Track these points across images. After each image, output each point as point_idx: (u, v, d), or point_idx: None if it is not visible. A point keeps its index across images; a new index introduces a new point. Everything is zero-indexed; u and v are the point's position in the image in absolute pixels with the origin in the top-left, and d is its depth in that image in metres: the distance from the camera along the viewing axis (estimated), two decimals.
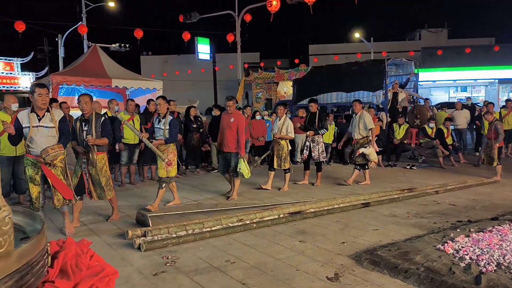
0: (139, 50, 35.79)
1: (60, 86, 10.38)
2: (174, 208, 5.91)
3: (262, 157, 8.46)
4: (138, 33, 16.33)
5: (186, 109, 9.76)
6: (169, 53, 36.67)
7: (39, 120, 4.37)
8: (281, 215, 5.19)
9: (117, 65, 12.27)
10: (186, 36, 17.48)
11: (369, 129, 7.75)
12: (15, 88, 20.38)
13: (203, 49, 21.99)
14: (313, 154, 7.71)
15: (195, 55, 21.97)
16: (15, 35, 14.36)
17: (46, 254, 1.06)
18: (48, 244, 1.11)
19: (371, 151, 7.64)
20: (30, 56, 20.97)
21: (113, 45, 18.74)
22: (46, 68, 24.08)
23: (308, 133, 7.74)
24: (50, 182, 4.44)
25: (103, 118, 5.08)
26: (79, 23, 17.89)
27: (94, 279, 1.16)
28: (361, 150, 7.61)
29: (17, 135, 4.46)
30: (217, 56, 23.25)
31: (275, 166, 7.28)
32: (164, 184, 5.94)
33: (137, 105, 8.56)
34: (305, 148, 7.84)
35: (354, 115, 8.06)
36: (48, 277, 1.06)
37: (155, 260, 3.89)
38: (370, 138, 7.74)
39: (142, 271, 3.64)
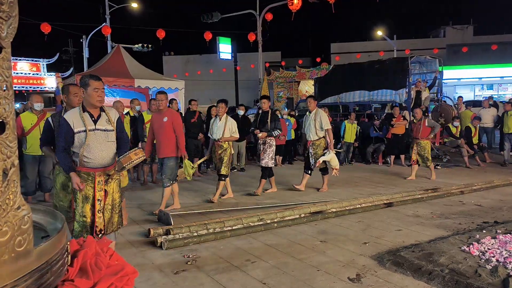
0: (161, 50, 36.32)
1: None
2: (195, 207, 5.96)
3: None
4: (161, 34, 16.54)
5: (207, 108, 9.83)
6: (191, 53, 37.03)
7: (95, 122, 3.32)
8: (302, 215, 5.15)
9: (140, 65, 12.47)
10: (208, 36, 17.59)
11: (325, 130, 6.89)
12: (41, 88, 20.95)
13: (225, 48, 22.09)
14: (262, 158, 6.80)
15: (216, 54, 22.10)
16: (41, 36, 14.78)
17: (66, 253, 1.08)
18: (68, 243, 1.13)
19: (332, 157, 6.83)
20: (56, 57, 21.55)
21: (136, 46, 19.07)
22: (71, 69, 24.74)
23: (260, 135, 6.76)
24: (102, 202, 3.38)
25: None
26: (103, 24, 18.27)
27: (113, 278, 1.17)
28: (321, 159, 6.79)
29: (47, 139, 3.83)
30: (239, 56, 23.32)
31: (223, 172, 6.32)
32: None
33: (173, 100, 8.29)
34: (259, 151, 6.94)
35: (307, 113, 7.15)
36: (67, 276, 1.08)
37: (176, 259, 3.93)
38: (328, 140, 6.90)
39: (163, 270, 3.68)
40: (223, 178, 6.36)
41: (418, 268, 3.49)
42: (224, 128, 6.31)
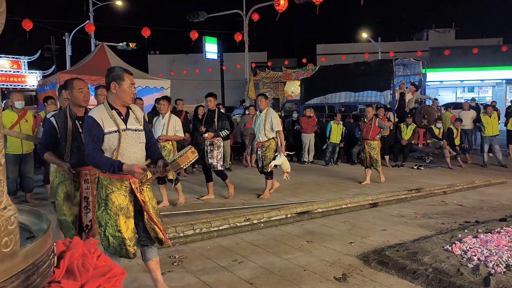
0: (146, 49, 35.97)
1: None
2: (181, 207, 5.92)
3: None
4: (146, 32, 16.37)
5: (194, 108, 9.78)
6: (176, 53, 36.77)
7: (125, 121, 2.89)
8: (289, 215, 5.17)
9: (125, 64, 12.30)
10: (194, 35, 17.49)
11: (276, 131, 6.42)
12: (22, 86, 20.52)
13: (211, 48, 22.01)
14: (210, 161, 6.30)
15: (202, 54, 22.00)
16: (23, 33, 14.46)
17: (52, 254, 1.06)
18: (54, 244, 1.10)
19: (283, 161, 6.46)
20: (37, 55, 21.11)
21: (121, 44, 18.82)
22: (53, 67, 24.29)
23: (205, 135, 6.32)
24: (146, 217, 2.91)
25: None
26: (86, 22, 17.99)
27: (101, 279, 1.15)
28: (273, 163, 6.37)
29: (50, 142, 3.36)
30: (225, 56, 23.26)
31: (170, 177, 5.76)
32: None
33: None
34: (206, 154, 6.39)
35: (258, 113, 6.70)
36: (54, 277, 1.05)
37: (162, 260, 3.87)
38: (279, 142, 6.43)
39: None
40: (176, 182, 6.03)
41: (403, 267, 3.54)
42: (168, 127, 5.92)
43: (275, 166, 6.50)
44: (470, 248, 3.87)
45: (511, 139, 11.09)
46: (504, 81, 29.59)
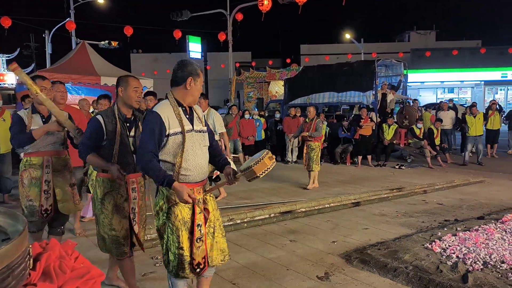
0: (129, 47, 35.56)
1: None
2: None
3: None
4: (128, 31, 16.18)
5: None
6: (160, 51, 36.45)
7: (191, 121, 2.55)
8: (272, 215, 5.18)
9: (106, 63, 12.14)
10: (177, 34, 17.37)
11: (220, 134, 5.96)
12: (0, 84, 20.04)
13: (195, 47, 21.90)
14: None
15: (186, 53, 21.87)
16: (1, 31, 14.10)
17: (28, 256, 1.03)
18: (30, 246, 1.08)
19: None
20: (16, 53, 20.64)
21: (102, 42, 18.54)
22: (33, 65, 23.77)
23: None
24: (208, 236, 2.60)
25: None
26: (67, 19, 17.64)
27: (78, 281, 1.13)
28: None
29: (95, 143, 2.90)
30: (209, 55, 23.19)
31: None
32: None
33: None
34: None
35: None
36: (30, 280, 1.03)
37: (144, 261, 3.85)
38: (223, 145, 5.95)
39: None
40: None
41: (384, 265, 3.59)
42: None
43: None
44: (449, 246, 3.96)
45: (490, 139, 11.37)
46: (482, 82, 30.38)
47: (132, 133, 3.01)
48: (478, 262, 3.53)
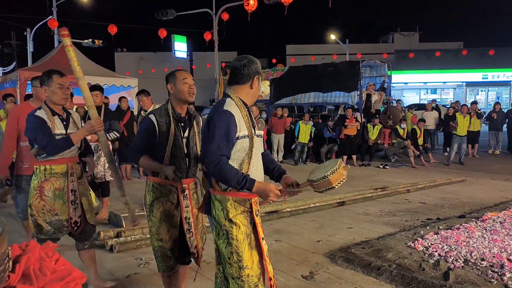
0: (113, 46, 35.11)
1: (28, 82, 10.04)
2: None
3: None
4: (112, 29, 15.98)
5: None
6: (144, 51, 36.13)
7: (253, 124, 2.25)
8: None
9: (90, 62, 11.97)
10: (162, 33, 17.23)
11: None
12: None
13: (180, 47, 21.75)
14: (95, 171, 5.02)
15: (171, 53, 21.71)
16: None
17: (7, 258, 1.01)
18: (9, 248, 1.06)
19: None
20: None
21: (86, 41, 18.28)
22: (14, 63, 23.27)
23: (89, 137, 4.86)
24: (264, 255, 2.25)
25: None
26: (49, 17, 17.34)
27: (59, 284, 1.11)
28: None
29: (147, 145, 2.65)
30: (194, 55, 23.09)
31: None
32: None
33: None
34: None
35: (142, 113, 5.73)
36: (9, 282, 1.01)
37: (128, 262, 3.81)
38: None
39: (114, 273, 3.55)
40: None
41: (368, 264, 3.63)
42: None
43: None
44: (431, 244, 4.03)
45: (471, 139, 11.61)
46: (464, 83, 31.01)
47: (186, 134, 2.70)
48: (459, 259, 3.60)
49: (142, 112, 5.43)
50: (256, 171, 2.18)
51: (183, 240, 2.73)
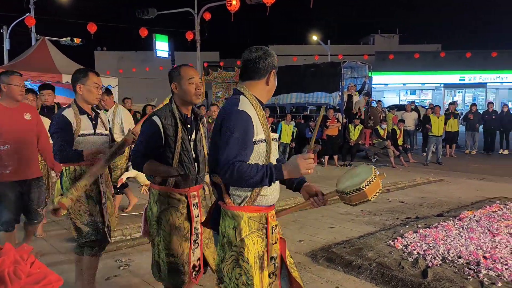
0: (93, 45, 34.52)
1: None
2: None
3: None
4: (92, 28, 15.71)
5: (142, 107, 9.53)
6: (125, 50, 35.62)
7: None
8: None
9: (68, 60, 11.75)
10: (144, 32, 17.03)
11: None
12: None
13: (162, 46, 21.51)
14: None
15: (153, 52, 21.47)
16: None
17: None
18: None
19: (138, 172, 4.99)
20: None
21: (64, 39, 17.87)
22: None
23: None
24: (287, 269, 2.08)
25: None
26: (26, 15, 16.91)
27: (35, 287, 1.09)
28: (124, 175, 5.20)
29: (151, 149, 2.41)
30: (176, 54, 22.84)
31: None
32: None
33: None
34: None
35: (102, 111, 4.82)
36: None
37: (107, 264, 3.75)
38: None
39: None
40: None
41: (349, 263, 3.67)
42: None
43: (128, 178, 5.32)
44: (410, 242, 4.10)
45: (448, 139, 11.89)
46: (442, 85, 31.75)
47: (193, 137, 2.49)
48: (437, 257, 3.68)
49: (102, 111, 5.18)
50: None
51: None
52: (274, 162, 1.95)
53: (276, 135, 2.03)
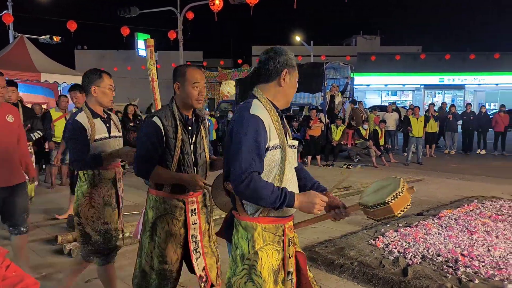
0: (73, 43, 33.92)
1: None
2: None
3: None
4: (72, 26, 15.40)
5: (124, 107, 9.43)
6: (106, 48, 35.13)
7: (285, 132, 1.90)
8: (223, 216, 5.15)
9: (48, 59, 11.50)
10: (125, 31, 16.81)
11: None
12: None
13: (144, 45, 21.28)
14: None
15: (135, 51, 21.21)
16: None
17: None
18: None
19: None
20: None
21: (43, 37, 17.49)
22: None
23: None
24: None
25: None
26: (4, 12, 16.47)
27: None
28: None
29: (155, 154, 2.27)
30: (159, 54, 22.65)
31: None
32: None
33: None
34: None
35: (73, 109, 4.95)
36: None
37: (89, 266, 3.67)
38: None
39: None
40: None
41: (331, 262, 3.70)
42: None
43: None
44: (391, 241, 4.17)
45: (428, 140, 12.12)
46: (422, 86, 32.38)
47: (193, 139, 2.38)
48: (417, 256, 3.75)
49: (73, 109, 4.85)
50: (289, 189, 1.76)
51: (187, 261, 2.42)
52: (292, 171, 1.86)
53: (296, 142, 1.92)
